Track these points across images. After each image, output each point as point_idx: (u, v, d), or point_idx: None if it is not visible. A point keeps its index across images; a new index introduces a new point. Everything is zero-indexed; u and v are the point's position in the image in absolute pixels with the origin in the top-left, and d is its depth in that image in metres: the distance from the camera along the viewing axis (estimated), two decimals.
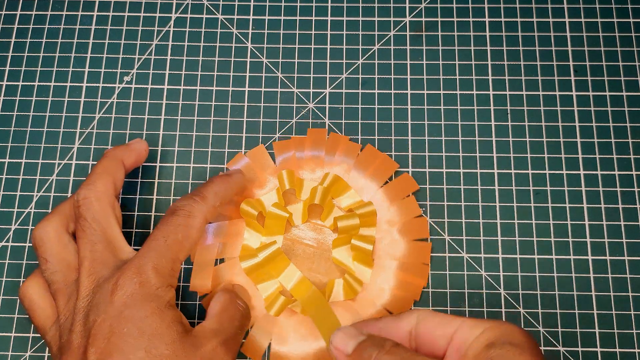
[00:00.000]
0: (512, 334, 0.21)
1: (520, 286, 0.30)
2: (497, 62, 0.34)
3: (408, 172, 0.32)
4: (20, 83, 0.34)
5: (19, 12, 0.35)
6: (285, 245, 0.30)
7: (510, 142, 0.32)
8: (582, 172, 0.32)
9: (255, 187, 0.31)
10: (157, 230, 0.25)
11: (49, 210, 0.31)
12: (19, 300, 0.27)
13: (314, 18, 0.35)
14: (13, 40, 0.34)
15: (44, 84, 0.34)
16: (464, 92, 0.33)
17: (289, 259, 0.29)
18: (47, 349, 0.29)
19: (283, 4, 0.35)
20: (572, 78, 0.33)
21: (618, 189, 0.31)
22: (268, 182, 0.31)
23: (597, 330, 0.29)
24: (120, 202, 0.31)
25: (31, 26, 0.35)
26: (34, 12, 0.35)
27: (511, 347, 0.21)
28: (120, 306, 0.23)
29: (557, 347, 0.29)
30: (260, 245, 0.29)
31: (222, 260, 0.30)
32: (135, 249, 0.26)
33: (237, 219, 0.30)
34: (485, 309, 0.29)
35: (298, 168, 0.31)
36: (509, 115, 0.33)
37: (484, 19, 0.34)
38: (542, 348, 0.29)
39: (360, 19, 0.35)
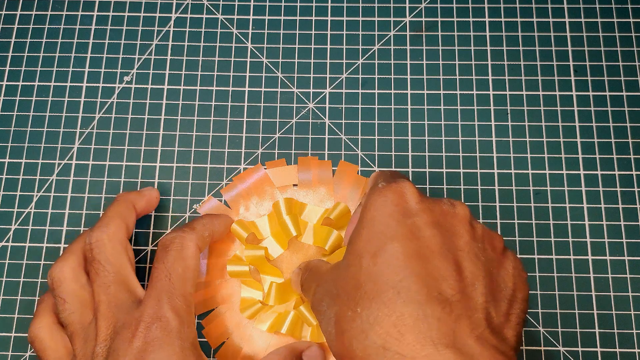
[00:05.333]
0: (364, 211, 0.22)
1: None
2: (497, 62, 0.34)
3: (408, 172, 0.32)
4: (20, 83, 0.34)
5: (19, 12, 0.35)
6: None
7: (510, 142, 0.32)
8: (582, 172, 0.32)
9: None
10: (156, 270, 0.25)
11: (49, 211, 0.31)
12: (29, 341, 0.26)
13: (314, 18, 0.35)
14: (13, 40, 0.34)
15: (44, 84, 0.34)
16: (464, 92, 0.33)
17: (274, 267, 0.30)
18: None
19: (283, 4, 0.35)
20: (572, 78, 0.33)
21: (618, 189, 0.31)
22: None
23: (597, 330, 0.29)
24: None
25: (31, 26, 0.35)
26: (34, 12, 0.35)
27: (355, 232, 0.22)
28: (142, 352, 0.23)
29: (557, 347, 0.29)
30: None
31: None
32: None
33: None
34: None
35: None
36: (509, 115, 0.33)
37: (484, 19, 0.34)
38: (542, 348, 0.29)
39: (360, 19, 0.35)
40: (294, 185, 0.31)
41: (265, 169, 0.32)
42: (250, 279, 0.29)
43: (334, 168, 0.32)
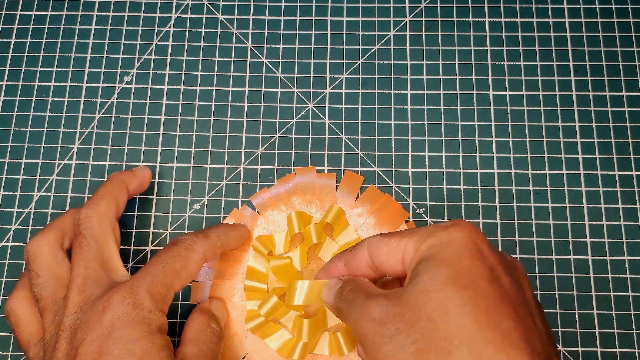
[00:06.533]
0: (441, 245, 0.21)
1: None
2: (497, 62, 0.34)
3: (408, 172, 0.32)
4: (20, 83, 0.34)
5: (19, 12, 0.35)
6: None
7: (510, 142, 0.32)
8: (582, 172, 0.32)
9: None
10: (156, 256, 0.25)
11: (49, 211, 0.31)
12: (5, 315, 0.26)
13: (314, 18, 0.35)
14: (13, 40, 0.34)
15: (44, 84, 0.34)
16: (464, 92, 0.33)
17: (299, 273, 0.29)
18: None
19: (283, 4, 0.35)
20: (572, 78, 0.33)
21: (618, 189, 0.31)
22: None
23: (597, 330, 0.29)
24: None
25: (31, 26, 0.35)
26: (34, 12, 0.35)
27: (432, 263, 0.20)
28: (110, 326, 0.23)
29: (557, 347, 0.29)
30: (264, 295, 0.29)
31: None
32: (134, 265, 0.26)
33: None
34: None
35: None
36: (509, 115, 0.33)
37: (484, 19, 0.34)
38: None
39: (360, 19, 0.35)
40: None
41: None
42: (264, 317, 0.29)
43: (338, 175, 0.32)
